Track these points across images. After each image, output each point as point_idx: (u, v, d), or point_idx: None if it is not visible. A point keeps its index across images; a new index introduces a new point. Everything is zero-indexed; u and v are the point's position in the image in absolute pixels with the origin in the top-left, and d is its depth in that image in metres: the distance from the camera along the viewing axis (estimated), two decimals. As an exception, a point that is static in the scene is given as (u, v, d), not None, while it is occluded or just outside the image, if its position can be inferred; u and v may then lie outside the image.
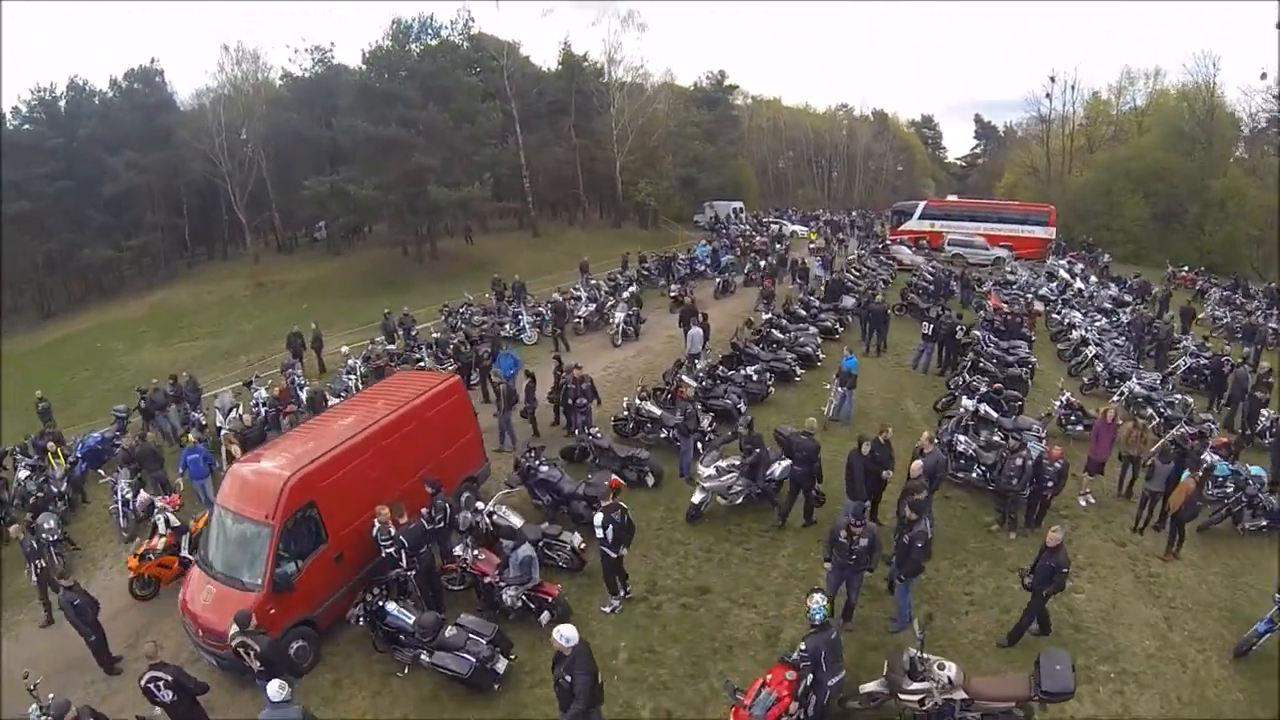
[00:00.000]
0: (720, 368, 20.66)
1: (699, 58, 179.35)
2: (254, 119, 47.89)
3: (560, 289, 31.89)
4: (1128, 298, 36.04)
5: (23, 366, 36.95)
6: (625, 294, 29.73)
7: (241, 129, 47.46)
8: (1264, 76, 52.58)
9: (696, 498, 14.30)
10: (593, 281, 33.40)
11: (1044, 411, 19.27)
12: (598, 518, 11.57)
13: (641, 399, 17.87)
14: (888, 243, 47.49)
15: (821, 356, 23.85)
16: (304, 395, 19.77)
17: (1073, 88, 66.77)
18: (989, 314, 28.43)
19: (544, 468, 14.50)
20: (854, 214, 73.66)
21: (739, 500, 14.60)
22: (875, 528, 11.92)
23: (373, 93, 41.11)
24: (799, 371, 22.35)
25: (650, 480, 15.92)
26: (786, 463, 14.43)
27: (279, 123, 48.80)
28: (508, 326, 27.82)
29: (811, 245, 45.40)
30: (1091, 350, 25.07)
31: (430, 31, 45.43)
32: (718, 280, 35.01)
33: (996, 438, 16.82)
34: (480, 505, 13.40)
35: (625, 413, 18.07)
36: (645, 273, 36.86)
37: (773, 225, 56.32)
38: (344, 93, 44.23)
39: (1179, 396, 21.30)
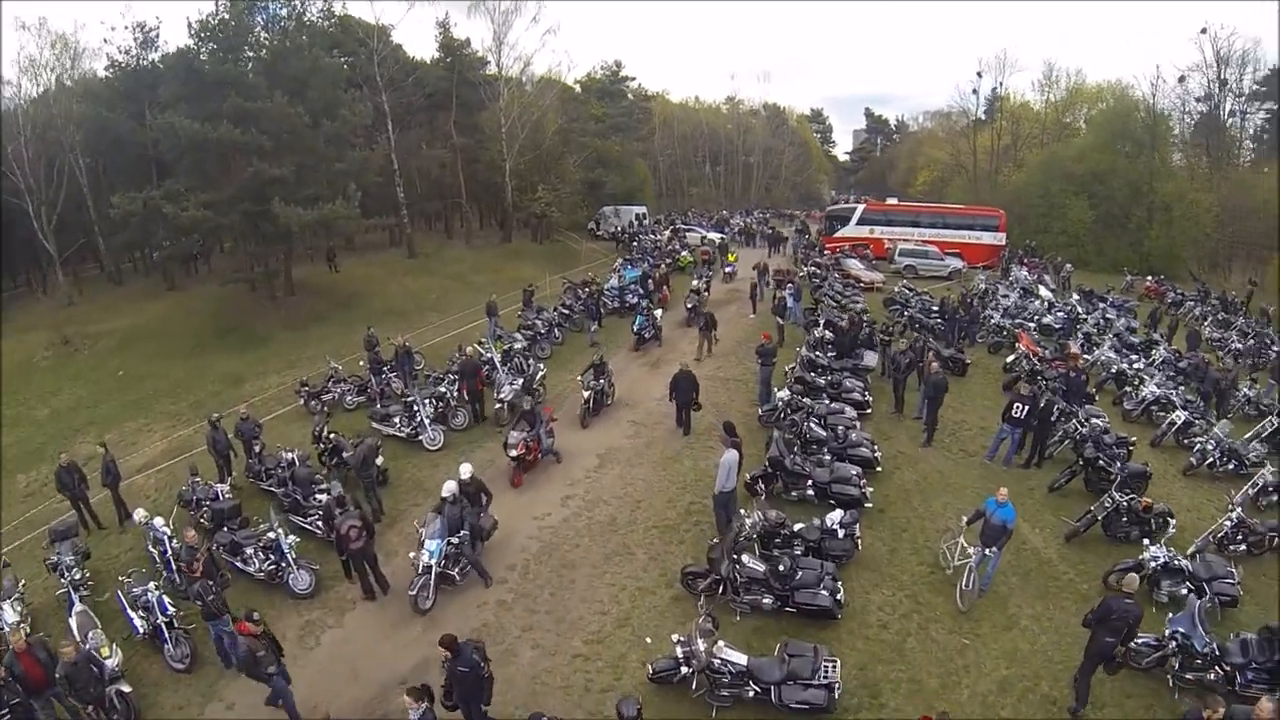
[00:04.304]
0: (784, 521, 12.92)
1: (579, 55, 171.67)
2: (66, 120, 37.53)
3: (461, 348, 22.72)
4: (1135, 323, 31.08)
5: None
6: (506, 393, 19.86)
7: (52, 131, 37.28)
8: (1182, 80, 51.66)
9: None
10: (511, 334, 24.98)
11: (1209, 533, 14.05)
12: None
13: (707, 630, 9.92)
14: (836, 256, 40.98)
15: (879, 456, 16.63)
16: (77, 634, 10.89)
17: (1000, 84, 65.46)
18: (1033, 363, 22.39)
19: None
20: (756, 214, 68.17)
21: None
22: None
23: (201, 77, 31.23)
24: (868, 492, 14.92)
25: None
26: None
27: (99, 123, 37.92)
28: (397, 422, 19.02)
29: (728, 268, 38.66)
30: (1179, 417, 19.50)
31: (281, 1, 35.54)
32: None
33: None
34: None
35: (681, 662, 10.03)
36: (566, 313, 28.86)
37: (688, 234, 49.29)
38: (167, 81, 34.09)
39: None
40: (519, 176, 49.04)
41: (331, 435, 17.21)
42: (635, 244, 46.33)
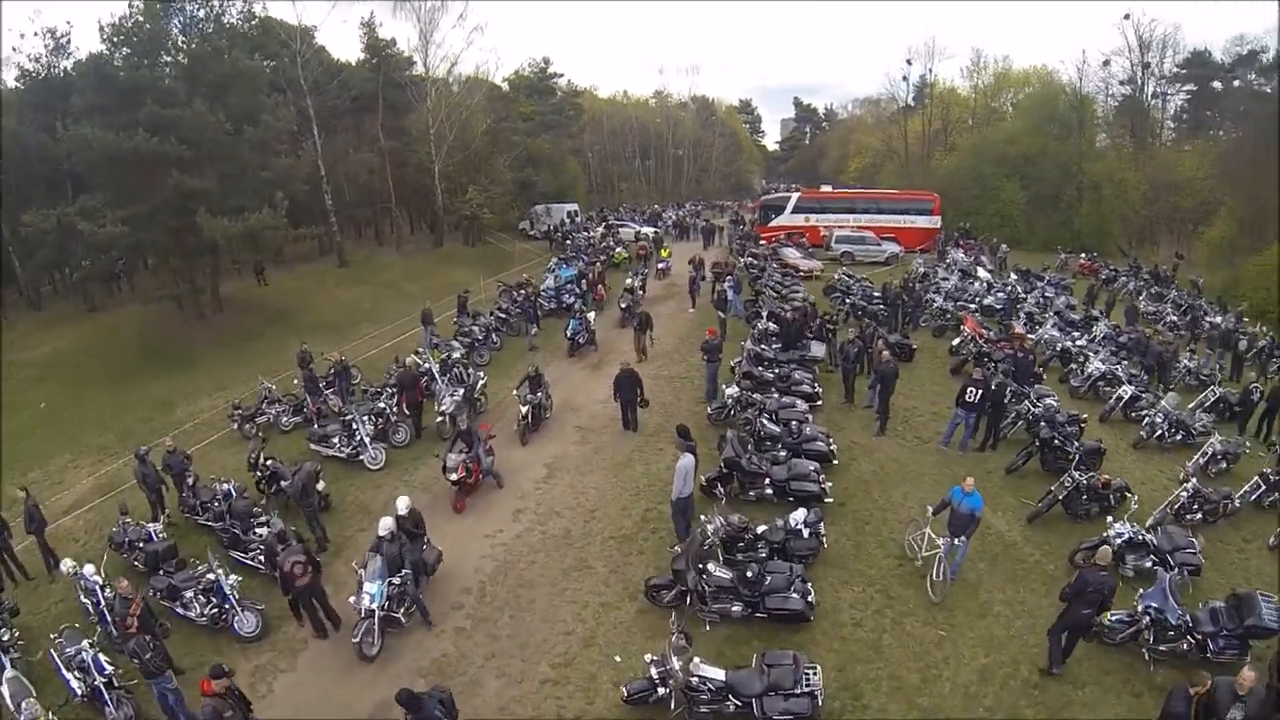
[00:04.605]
0: (747, 525, 12.56)
1: (506, 53, 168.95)
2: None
3: (398, 359, 22.04)
4: (1073, 300, 31.57)
5: None
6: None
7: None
8: (1106, 63, 53.88)
9: None
10: (448, 342, 24.35)
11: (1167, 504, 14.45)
12: None
13: (681, 648, 9.47)
14: (773, 245, 40.81)
15: (835, 448, 16.37)
16: (10, 703, 9.98)
17: (930, 70, 67.00)
18: (980, 345, 22.51)
19: None
20: (688, 206, 68.26)
21: None
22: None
23: (115, 85, 29.56)
24: (827, 487, 14.61)
25: None
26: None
27: (9, 136, 35.16)
28: (336, 442, 18.07)
29: (661, 264, 38.05)
30: (1126, 391, 19.86)
31: (199, 3, 33.55)
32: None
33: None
34: None
35: (657, 682, 9.63)
36: (503, 317, 28.18)
37: (622, 230, 48.95)
38: (80, 89, 32.11)
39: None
40: (449, 178, 47.96)
41: (269, 462, 16.13)
42: (569, 242, 45.49)
